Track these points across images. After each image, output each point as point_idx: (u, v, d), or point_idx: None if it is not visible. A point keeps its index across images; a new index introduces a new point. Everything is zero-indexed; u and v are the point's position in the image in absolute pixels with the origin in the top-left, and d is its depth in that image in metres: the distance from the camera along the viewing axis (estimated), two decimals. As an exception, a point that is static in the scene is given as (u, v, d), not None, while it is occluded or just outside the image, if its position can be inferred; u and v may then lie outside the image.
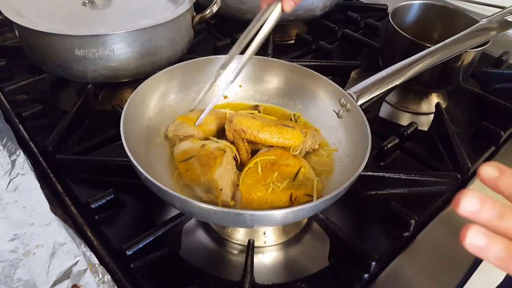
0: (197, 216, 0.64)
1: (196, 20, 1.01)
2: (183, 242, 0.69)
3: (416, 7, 1.10)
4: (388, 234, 0.72)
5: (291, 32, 1.31)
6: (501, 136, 0.90)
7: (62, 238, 0.60)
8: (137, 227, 0.70)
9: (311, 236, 0.75)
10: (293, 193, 0.66)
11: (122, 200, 0.73)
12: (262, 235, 0.72)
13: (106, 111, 0.96)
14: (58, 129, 0.83)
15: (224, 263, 0.70)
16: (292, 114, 0.85)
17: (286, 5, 0.71)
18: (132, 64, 0.88)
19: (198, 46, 1.20)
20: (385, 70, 0.78)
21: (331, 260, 0.68)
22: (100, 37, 0.82)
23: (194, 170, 0.69)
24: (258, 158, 0.70)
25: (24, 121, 0.87)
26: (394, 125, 0.97)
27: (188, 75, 0.84)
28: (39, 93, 0.96)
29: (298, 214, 0.58)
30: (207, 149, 0.71)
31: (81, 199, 0.72)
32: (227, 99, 0.89)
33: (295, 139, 0.74)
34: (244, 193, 0.65)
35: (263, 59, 0.87)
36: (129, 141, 0.64)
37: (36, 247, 0.60)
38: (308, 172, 0.70)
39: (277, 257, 0.71)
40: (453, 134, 0.86)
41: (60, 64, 0.87)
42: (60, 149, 0.81)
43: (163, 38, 0.91)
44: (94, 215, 0.70)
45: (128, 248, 0.62)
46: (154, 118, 0.78)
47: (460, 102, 1.07)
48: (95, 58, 0.85)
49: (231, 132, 0.74)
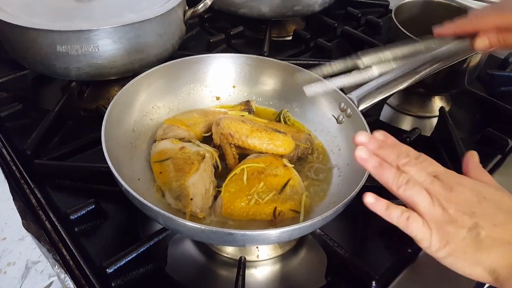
0: (183, 234, 0.60)
1: (188, 15, 0.95)
2: (170, 257, 0.64)
3: (420, 5, 1.05)
4: (389, 250, 0.67)
5: (289, 27, 1.26)
6: (508, 144, 0.86)
7: (35, 256, 0.55)
8: (120, 241, 0.65)
9: (307, 249, 0.70)
10: (277, 207, 0.62)
11: (104, 210, 0.68)
12: (255, 248, 0.68)
13: (91, 111, 0.91)
14: (37, 131, 0.78)
15: (213, 279, 0.65)
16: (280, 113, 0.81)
17: (478, 42, 0.67)
18: (118, 61, 0.83)
19: (191, 42, 1.15)
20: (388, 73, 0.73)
21: (328, 278, 0.64)
22: (84, 32, 0.77)
23: (167, 173, 0.65)
24: (246, 165, 0.66)
25: (1, 122, 0.82)
26: (396, 130, 0.93)
27: (178, 74, 0.79)
28: (20, 90, 0.91)
29: (293, 233, 0.54)
30: (186, 152, 0.67)
31: (60, 209, 0.67)
32: (219, 101, 0.84)
33: (286, 146, 0.69)
34: (225, 202, 0.62)
35: (259, 58, 0.83)
36: (112, 147, 0.60)
37: (7, 265, 0.55)
38: (297, 185, 0.66)
39: (271, 272, 0.67)
40: (458, 141, 0.82)
41: (41, 60, 0.81)
42: (39, 153, 0.76)
43: (152, 34, 0.85)
44: (74, 227, 0.65)
45: (109, 266, 0.57)
46: (140, 121, 0.73)
47: (464, 105, 1.03)
48: (79, 55, 0.79)
49: (218, 135, 0.71)
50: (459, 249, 0.46)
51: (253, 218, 0.62)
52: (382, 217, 0.49)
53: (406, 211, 0.47)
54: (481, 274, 0.46)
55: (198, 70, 0.81)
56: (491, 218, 0.46)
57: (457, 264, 0.47)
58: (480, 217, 0.45)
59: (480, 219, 0.45)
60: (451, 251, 0.46)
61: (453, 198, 0.46)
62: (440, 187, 0.47)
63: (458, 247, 0.46)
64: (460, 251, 0.46)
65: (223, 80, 0.83)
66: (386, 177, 0.48)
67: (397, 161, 0.49)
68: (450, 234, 0.46)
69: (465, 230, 0.45)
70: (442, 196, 0.46)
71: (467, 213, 0.46)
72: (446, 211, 0.46)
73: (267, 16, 1.14)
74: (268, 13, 1.13)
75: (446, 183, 0.48)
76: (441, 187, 0.47)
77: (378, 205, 0.48)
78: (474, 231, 0.45)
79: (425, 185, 0.47)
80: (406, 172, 0.48)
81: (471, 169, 0.54)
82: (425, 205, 0.46)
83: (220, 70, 0.82)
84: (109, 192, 0.70)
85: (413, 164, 0.49)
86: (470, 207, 0.46)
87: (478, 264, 0.45)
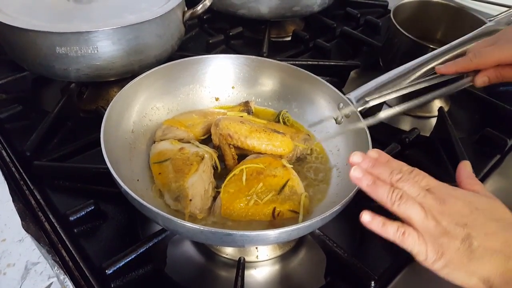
0: (182, 235, 0.60)
1: (187, 16, 0.96)
2: (169, 258, 0.64)
3: (419, 5, 1.05)
4: (388, 250, 0.67)
5: (288, 28, 1.26)
6: (507, 144, 0.86)
7: (35, 257, 0.55)
8: (119, 242, 0.65)
9: (306, 250, 0.70)
10: (276, 208, 0.62)
11: (103, 211, 0.68)
12: (254, 249, 0.68)
13: (91, 112, 0.90)
14: (37, 133, 0.78)
15: (213, 280, 0.65)
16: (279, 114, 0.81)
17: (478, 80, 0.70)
18: (117, 63, 0.83)
19: (190, 43, 1.15)
20: (387, 74, 0.73)
21: (327, 278, 0.64)
22: (83, 34, 0.77)
23: (167, 174, 0.65)
24: (245, 165, 0.66)
25: (1, 123, 0.82)
26: (395, 130, 0.93)
27: (177, 75, 0.79)
28: (20, 92, 0.91)
29: (292, 234, 0.54)
30: (185, 153, 0.67)
31: (60, 210, 0.67)
32: (218, 101, 0.84)
33: (284, 146, 0.70)
34: (224, 203, 0.62)
35: (258, 59, 0.83)
36: (111, 148, 0.60)
37: (7, 266, 0.55)
38: (296, 186, 0.66)
39: (270, 272, 0.67)
40: (457, 142, 0.82)
41: (41, 62, 0.81)
42: (39, 154, 0.76)
43: (151, 35, 0.85)
44: (73, 228, 0.65)
45: (108, 267, 0.57)
46: (139, 122, 0.73)
47: (463, 105, 1.03)
48: (78, 56, 0.79)
49: (217, 136, 0.70)
50: (454, 260, 0.46)
51: (252, 218, 0.62)
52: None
53: (401, 227, 0.49)
54: (476, 284, 0.46)
55: (197, 71, 0.81)
56: (482, 227, 0.47)
57: (453, 275, 0.47)
58: (472, 228, 0.47)
59: (472, 230, 0.46)
60: (447, 262, 0.47)
61: (445, 210, 0.48)
62: (433, 200, 0.48)
63: (453, 258, 0.46)
64: (455, 262, 0.46)
65: (222, 81, 0.83)
66: (381, 194, 0.49)
67: (390, 177, 0.50)
68: (444, 246, 0.47)
69: (458, 241, 0.46)
70: (435, 209, 0.48)
71: (460, 224, 0.47)
72: (439, 224, 0.47)
73: (266, 17, 1.14)
74: (267, 14, 1.13)
75: (439, 196, 0.49)
76: (434, 200, 0.48)
77: (374, 223, 0.49)
78: (467, 242, 0.46)
79: (418, 199, 0.48)
80: (400, 187, 0.49)
81: (464, 179, 0.56)
82: (419, 219, 0.47)
83: (219, 71, 0.82)
84: (108, 193, 0.70)
85: (406, 180, 0.50)
86: (462, 218, 0.47)
87: (473, 274, 0.46)
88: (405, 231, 0.48)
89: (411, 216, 0.48)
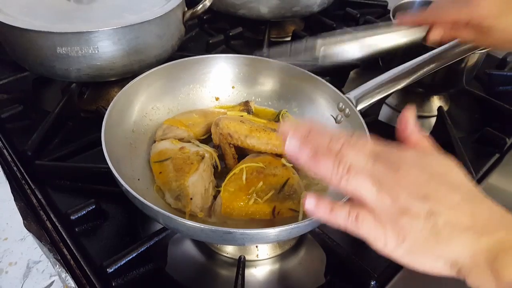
0: (183, 234, 0.60)
1: (187, 16, 0.96)
2: (170, 256, 0.65)
3: (418, 5, 1.05)
4: (388, 249, 0.67)
5: (288, 28, 1.26)
6: (506, 143, 0.86)
7: (37, 256, 0.56)
8: (120, 240, 0.65)
9: (306, 249, 0.70)
10: (276, 206, 0.62)
11: (104, 210, 0.68)
12: (255, 248, 0.68)
13: (91, 112, 0.91)
14: (38, 132, 0.78)
15: (213, 279, 0.65)
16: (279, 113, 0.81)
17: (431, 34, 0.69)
18: (118, 63, 0.83)
19: (190, 43, 1.15)
20: (387, 73, 0.74)
21: (327, 277, 0.64)
22: (84, 34, 0.77)
23: (167, 174, 0.65)
24: (245, 164, 0.67)
25: (2, 123, 0.82)
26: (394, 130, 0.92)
27: (177, 75, 0.80)
28: (21, 92, 0.91)
29: (292, 232, 0.54)
30: (185, 152, 0.68)
31: (61, 209, 0.67)
32: (218, 101, 0.84)
33: None
34: (225, 201, 0.62)
35: (258, 59, 0.83)
36: (112, 148, 0.60)
37: (9, 265, 0.55)
38: (296, 185, 0.66)
39: (271, 271, 0.67)
40: (456, 141, 0.82)
41: (42, 62, 0.81)
42: (40, 154, 0.76)
43: (152, 35, 0.86)
44: (74, 227, 0.65)
45: (109, 266, 0.58)
46: (139, 122, 0.73)
47: (462, 104, 1.03)
48: (79, 56, 0.79)
49: (217, 136, 0.71)
50: (418, 244, 0.39)
51: (252, 217, 0.62)
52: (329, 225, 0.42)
53: (353, 209, 0.41)
54: (441, 268, 0.39)
55: (198, 71, 0.81)
56: (445, 199, 0.39)
57: (418, 260, 0.40)
58: (433, 200, 0.38)
59: (434, 203, 0.38)
60: (410, 247, 0.39)
61: (400, 180, 0.39)
62: (384, 169, 0.40)
63: (417, 241, 0.38)
64: (419, 245, 0.39)
65: (222, 81, 0.84)
66: (324, 168, 0.41)
67: (330, 145, 0.41)
68: (405, 227, 0.38)
69: (421, 220, 0.38)
70: (388, 181, 0.39)
71: (419, 197, 0.38)
72: (396, 200, 0.39)
73: (266, 17, 1.14)
74: (267, 14, 1.13)
75: (389, 162, 0.40)
76: (385, 168, 0.40)
77: (321, 209, 0.42)
78: (431, 219, 0.38)
79: (367, 169, 0.40)
80: (344, 158, 0.40)
81: (410, 134, 0.47)
82: (371, 195, 0.39)
83: (219, 71, 0.83)
84: (109, 192, 0.70)
85: (349, 147, 0.41)
86: (421, 189, 0.39)
87: (440, 257, 0.39)
88: (358, 214, 0.40)
89: (362, 193, 0.40)
